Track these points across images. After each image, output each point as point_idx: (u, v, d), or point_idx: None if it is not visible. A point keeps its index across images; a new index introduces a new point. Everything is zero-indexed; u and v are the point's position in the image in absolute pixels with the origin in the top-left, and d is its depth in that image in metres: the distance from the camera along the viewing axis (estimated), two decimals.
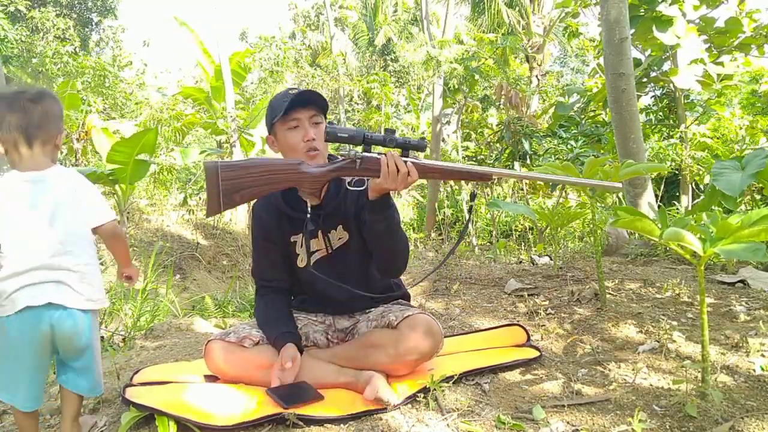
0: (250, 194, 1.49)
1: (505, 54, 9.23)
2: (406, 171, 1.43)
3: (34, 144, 1.43)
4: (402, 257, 1.64)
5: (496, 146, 8.00)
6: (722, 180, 2.68)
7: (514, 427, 1.33)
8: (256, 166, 1.49)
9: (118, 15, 16.29)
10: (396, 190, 1.48)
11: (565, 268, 3.01)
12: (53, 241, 1.37)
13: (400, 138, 1.47)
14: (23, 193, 1.38)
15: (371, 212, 1.53)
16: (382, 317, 1.66)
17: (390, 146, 1.46)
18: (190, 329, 2.84)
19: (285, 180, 1.50)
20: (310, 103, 1.62)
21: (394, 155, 1.44)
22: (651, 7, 4.80)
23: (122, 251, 1.57)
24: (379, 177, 1.44)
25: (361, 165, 1.46)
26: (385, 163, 1.43)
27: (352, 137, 1.44)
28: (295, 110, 1.60)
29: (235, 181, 1.46)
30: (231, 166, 1.48)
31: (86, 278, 1.41)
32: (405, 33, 17.35)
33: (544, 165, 2.24)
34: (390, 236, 1.57)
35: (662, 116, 6.25)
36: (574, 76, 23.23)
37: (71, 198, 1.43)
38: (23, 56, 9.80)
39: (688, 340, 1.81)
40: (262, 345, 1.62)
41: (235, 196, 1.46)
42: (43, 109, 1.46)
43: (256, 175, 1.47)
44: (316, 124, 1.63)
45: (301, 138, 1.60)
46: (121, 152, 5.08)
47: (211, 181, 1.45)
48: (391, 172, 1.43)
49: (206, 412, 1.41)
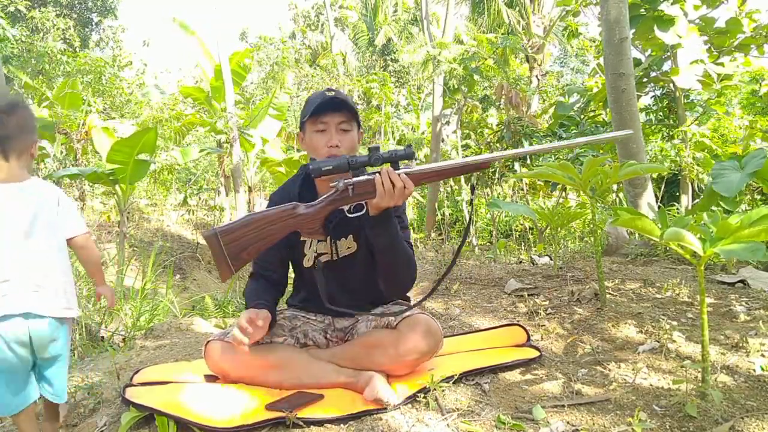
0: (256, 249, 1.48)
1: (505, 54, 9.22)
2: (402, 185, 1.42)
3: (10, 156, 1.44)
4: (406, 273, 1.62)
5: (496, 146, 8.00)
6: (721, 181, 2.69)
7: (514, 427, 1.33)
8: (253, 222, 1.47)
9: (118, 15, 16.29)
10: (396, 205, 1.46)
11: (565, 268, 3.01)
12: (30, 252, 1.40)
13: (385, 153, 1.45)
14: (1, 205, 1.40)
15: (372, 227, 1.52)
16: (381, 317, 1.66)
17: (377, 164, 1.44)
18: (190, 329, 2.84)
19: (284, 227, 1.48)
20: (341, 108, 1.60)
21: (386, 171, 1.43)
22: (652, 6, 4.80)
23: (94, 264, 1.59)
24: (376, 197, 1.43)
25: (355, 191, 1.45)
26: (380, 182, 1.41)
27: (338, 167, 1.43)
28: (325, 113, 1.58)
29: (237, 242, 1.45)
30: (229, 230, 1.46)
31: (61, 288, 1.44)
32: (405, 33, 17.35)
33: (544, 165, 2.24)
34: (392, 251, 1.55)
35: (662, 116, 6.25)
36: (574, 76, 23.23)
37: (48, 209, 1.45)
38: (23, 56, 9.80)
39: (688, 340, 1.81)
40: (261, 345, 1.62)
41: (242, 254, 1.46)
42: (16, 121, 1.47)
43: (255, 231, 1.46)
44: (344, 131, 1.61)
45: (325, 142, 1.59)
46: (121, 152, 5.08)
47: (214, 248, 1.46)
48: (387, 189, 1.41)
49: (206, 412, 1.41)
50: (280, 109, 8.65)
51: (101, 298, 1.65)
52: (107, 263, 4.37)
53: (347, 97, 1.66)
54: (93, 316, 2.93)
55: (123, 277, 3.70)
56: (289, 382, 1.56)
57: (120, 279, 3.54)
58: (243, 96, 11.08)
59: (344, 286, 1.68)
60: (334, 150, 1.58)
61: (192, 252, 6.95)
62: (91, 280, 1.62)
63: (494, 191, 8.52)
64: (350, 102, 1.63)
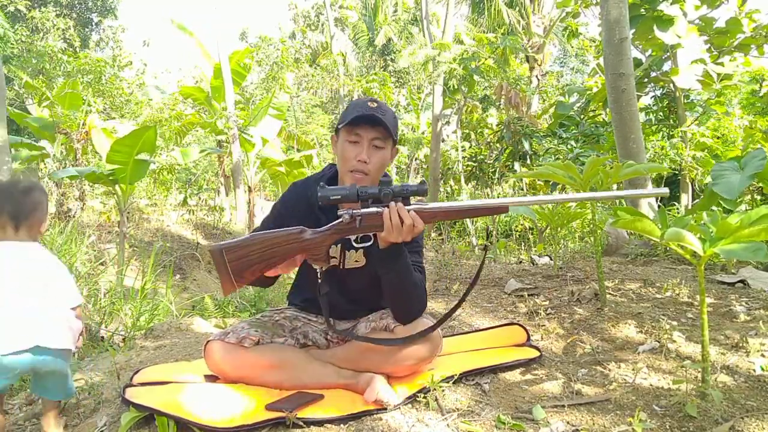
0: (260, 269, 1.46)
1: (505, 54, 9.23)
2: (411, 222, 1.39)
3: (21, 228, 1.64)
4: (413, 306, 1.59)
5: (496, 146, 7.99)
6: (721, 183, 2.68)
7: (514, 427, 1.33)
8: (258, 242, 1.44)
9: (118, 15, 16.30)
10: (404, 241, 1.43)
11: (565, 268, 3.01)
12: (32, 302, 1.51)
13: (396, 187, 1.41)
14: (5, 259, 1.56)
15: (379, 260, 1.50)
16: (381, 320, 1.65)
17: (386, 200, 1.40)
18: (190, 329, 2.83)
19: (289, 251, 1.45)
20: (379, 125, 1.54)
21: (395, 207, 1.39)
22: (652, 6, 4.80)
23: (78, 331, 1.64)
24: (383, 231, 1.41)
25: (362, 223, 1.42)
26: (388, 217, 1.38)
27: (346, 196, 1.40)
28: (360, 125, 1.54)
29: (242, 260, 1.43)
30: (234, 247, 1.44)
31: (65, 326, 1.54)
32: (405, 33, 17.36)
33: (544, 165, 2.24)
34: (400, 286, 1.53)
35: (662, 116, 6.25)
36: (573, 76, 23.24)
37: (49, 269, 1.59)
38: (23, 56, 9.79)
39: (688, 340, 1.81)
40: (261, 345, 1.62)
41: (246, 273, 1.44)
42: (31, 201, 1.68)
43: (259, 251, 1.44)
44: (377, 148, 1.56)
45: (355, 155, 1.54)
46: (120, 152, 5.07)
47: (219, 264, 1.43)
48: (395, 225, 1.38)
49: (206, 412, 1.41)
50: (280, 108, 8.65)
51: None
52: (107, 263, 4.36)
53: (389, 110, 1.58)
54: (93, 316, 2.93)
55: (123, 277, 3.69)
56: (289, 383, 1.56)
57: (120, 279, 3.53)
58: (243, 96, 11.08)
59: (345, 295, 1.67)
60: (361, 165, 1.54)
61: (192, 252, 6.95)
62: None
63: (494, 191, 8.52)
64: (390, 118, 1.56)
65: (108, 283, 3.50)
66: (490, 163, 7.99)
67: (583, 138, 6.62)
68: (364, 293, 1.69)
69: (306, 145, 12.19)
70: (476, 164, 8.16)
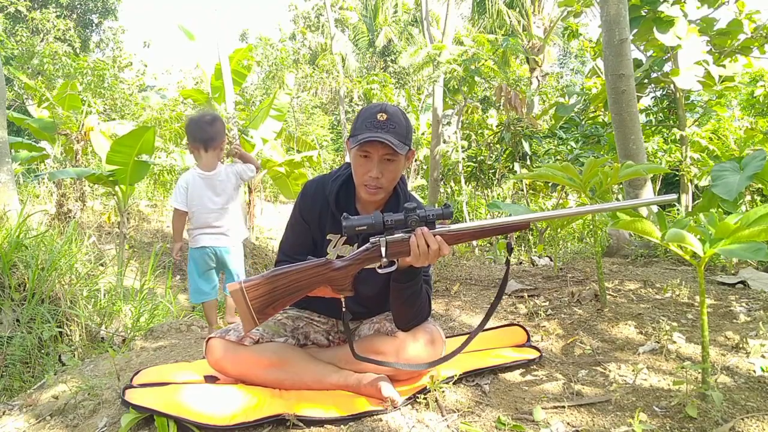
0: (283, 304, 1.44)
1: (505, 55, 9.23)
2: (437, 247, 1.39)
3: (209, 150, 2.58)
4: (418, 317, 1.61)
5: (496, 147, 7.99)
6: (720, 184, 2.67)
7: (514, 428, 1.33)
8: (282, 277, 1.42)
9: (118, 16, 16.32)
10: (430, 264, 1.44)
11: (565, 269, 3.01)
12: (217, 210, 2.68)
13: (421, 212, 1.41)
14: (202, 184, 2.64)
15: (397, 280, 1.51)
16: (384, 322, 1.65)
17: (413, 226, 1.40)
18: (189, 330, 2.83)
19: (315, 282, 1.44)
20: (387, 141, 1.49)
21: (421, 233, 1.39)
22: (652, 7, 4.79)
23: (250, 158, 2.98)
24: (409, 256, 1.40)
25: (389, 250, 1.42)
26: (415, 244, 1.39)
27: (372, 225, 1.40)
28: (369, 143, 1.50)
29: (264, 298, 1.41)
30: (256, 285, 1.41)
31: (233, 229, 2.75)
32: (405, 34, 17.37)
33: (544, 166, 2.24)
34: (411, 301, 1.55)
35: (662, 117, 6.24)
36: (573, 77, 23.24)
37: (231, 184, 2.71)
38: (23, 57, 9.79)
39: (688, 341, 1.81)
40: (262, 343, 1.62)
41: (268, 310, 1.42)
42: (215, 129, 2.55)
43: (284, 287, 1.42)
44: (389, 161, 1.53)
45: (365, 171, 1.53)
46: (120, 153, 5.07)
47: (240, 303, 1.41)
48: (422, 252, 1.39)
49: (206, 412, 1.41)
50: (281, 109, 8.64)
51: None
52: (107, 264, 4.36)
53: (400, 120, 1.52)
54: (93, 316, 2.92)
55: (123, 277, 3.69)
56: (289, 382, 1.56)
57: (120, 280, 3.53)
58: (243, 97, 11.08)
59: (354, 298, 1.66)
60: (374, 181, 1.53)
61: None
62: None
63: (494, 192, 8.52)
64: (401, 129, 1.51)
65: (108, 284, 3.50)
66: (489, 164, 7.99)
67: (582, 139, 6.62)
68: (374, 299, 1.70)
69: (306, 146, 12.19)
70: (476, 165, 8.15)
